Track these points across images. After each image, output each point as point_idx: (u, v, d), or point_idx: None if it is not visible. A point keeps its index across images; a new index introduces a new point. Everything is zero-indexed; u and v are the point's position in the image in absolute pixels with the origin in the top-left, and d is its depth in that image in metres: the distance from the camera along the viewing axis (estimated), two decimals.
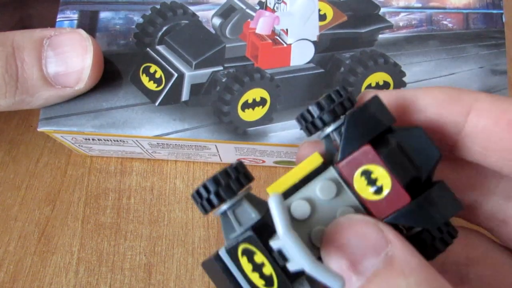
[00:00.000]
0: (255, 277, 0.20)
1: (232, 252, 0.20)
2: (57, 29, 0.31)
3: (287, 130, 0.32)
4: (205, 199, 0.21)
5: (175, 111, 0.32)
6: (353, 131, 0.21)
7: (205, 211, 0.21)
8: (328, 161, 0.22)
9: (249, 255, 0.20)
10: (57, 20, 0.34)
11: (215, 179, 0.20)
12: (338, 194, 0.21)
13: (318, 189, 0.21)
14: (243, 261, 0.20)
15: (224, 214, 0.21)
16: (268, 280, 0.20)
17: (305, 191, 0.22)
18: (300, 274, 0.20)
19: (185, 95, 0.32)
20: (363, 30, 0.34)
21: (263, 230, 0.20)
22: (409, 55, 0.34)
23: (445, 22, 0.35)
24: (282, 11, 0.34)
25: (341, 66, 0.33)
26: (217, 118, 0.32)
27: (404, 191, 0.20)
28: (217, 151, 0.34)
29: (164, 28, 0.34)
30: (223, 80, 0.32)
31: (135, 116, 0.32)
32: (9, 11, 0.37)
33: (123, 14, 0.34)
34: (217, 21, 0.34)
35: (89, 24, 0.34)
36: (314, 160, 0.22)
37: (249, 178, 0.21)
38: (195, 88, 0.32)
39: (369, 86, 0.33)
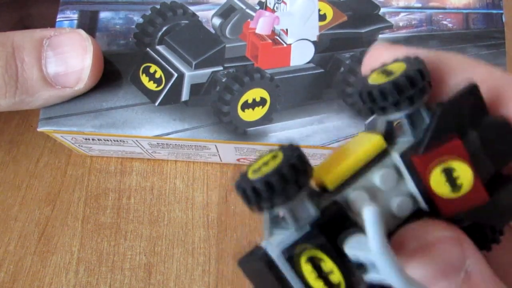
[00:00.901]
0: (318, 285, 0.17)
1: (292, 257, 0.17)
2: (57, 29, 0.31)
3: (287, 130, 0.32)
4: (265, 198, 0.17)
5: (175, 111, 0.32)
6: (442, 123, 0.18)
7: (254, 211, 0.18)
8: (388, 144, 0.19)
9: (315, 262, 0.17)
10: (57, 20, 0.34)
11: (281, 177, 0.16)
12: (396, 183, 0.19)
13: (379, 178, 0.19)
14: (306, 268, 0.17)
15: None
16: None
17: (364, 180, 0.19)
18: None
19: (185, 95, 0.32)
20: (363, 30, 0.34)
21: (326, 232, 0.17)
22: None
23: (445, 22, 0.35)
24: (282, 11, 0.34)
25: (341, 66, 0.33)
26: (217, 118, 0.32)
27: (485, 191, 0.18)
28: (217, 151, 0.34)
29: (164, 28, 0.34)
30: (223, 80, 0.32)
31: (135, 116, 0.32)
32: (9, 11, 0.37)
33: (123, 14, 0.34)
34: (217, 21, 0.34)
35: (89, 24, 0.34)
36: (377, 145, 0.19)
37: (311, 170, 0.18)
38: (195, 88, 0.32)
39: None
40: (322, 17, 0.34)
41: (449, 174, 0.18)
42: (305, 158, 0.17)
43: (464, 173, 0.18)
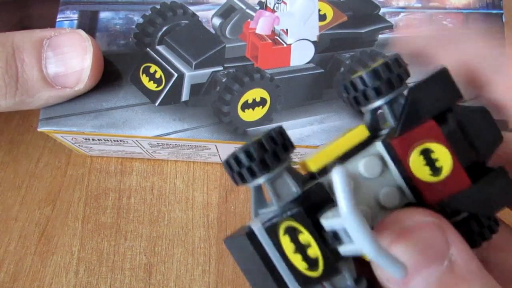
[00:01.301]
0: (296, 259, 0.18)
1: (271, 229, 0.18)
2: (57, 29, 0.31)
3: (287, 130, 0.32)
4: (245, 167, 0.18)
5: (175, 111, 0.32)
6: (415, 106, 0.19)
7: (241, 182, 0.19)
8: (372, 135, 0.20)
9: (293, 234, 0.18)
10: (57, 20, 0.34)
11: (260, 145, 0.18)
12: (381, 173, 0.19)
13: (362, 165, 0.19)
14: (284, 240, 0.18)
15: (258, 186, 0.19)
16: (312, 263, 0.18)
17: (347, 166, 0.19)
18: (346, 258, 0.18)
19: (185, 95, 0.32)
20: (363, 30, 0.34)
21: (306, 207, 0.18)
22: None
23: (445, 22, 0.35)
24: (282, 11, 0.34)
25: (341, 66, 0.33)
26: (217, 118, 0.32)
27: (465, 174, 0.18)
28: (217, 151, 0.34)
29: (164, 28, 0.34)
30: (223, 80, 0.32)
31: (135, 116, 0.32)
32: (9, 11, 0.37)
33: (123, 14, 0.34)
34: (217, 21, 0.34)
35: (89, 24, 0.34)
36: (360, 133, 0.20)
37: (292, 145, 0.19)
38: (195, 88, 0.32)
39: None
40: (322, 17, 0.34)
41: (427, 156, 0.19)
42: (285, 134, 0.19)
43: (442, 155, 0.18)
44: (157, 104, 0.32)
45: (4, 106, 0.30)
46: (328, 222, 0.17)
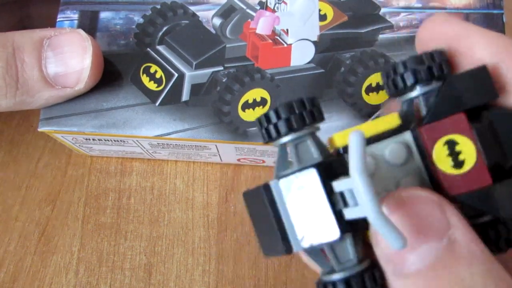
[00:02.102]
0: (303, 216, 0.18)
1: (285, 184, 0.19)
2: (57, 29, 0.31)
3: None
4: (272, 124, 0.19)
5: (176, 111, 0.32)
6: (448, 97, 0.19)
7: (267, 138, 0.20)
8: (404, 125, 0.20)
9: (304, 192, 0.18)
10: (58, 20, 0.34)
11: (289, 105, 0.19)
12: (406, 162, 0.19)
13: (388, 151, 0.19)
14: (295, 196, 0.18)
15: (283, 146, 0.20)
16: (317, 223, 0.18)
17: (373, 148, 0.19)
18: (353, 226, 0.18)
19: (185, 95, 0.32)
20: (363, 30, 0.34)
21: (324, 173, 0.18)
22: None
23: None
24: (283, 11, 0.34)
25: (342, 66, 0.33)
26: (217, 118, 0.32)
27: (487, 172, 0.18)
28: (217, 151, 0.34)
29: (165, 28, 0.34)
30: (224, 80, 0.32)
31: (135, 116, 0.32)
32: (9, 11, 0.37)
33: (123, 14, 0.34)
34: (217, 21, 0.34)
35: (89, 24, 0.34)
36: (392, 120, 0.20)
37: (322, 115, 0.20)
38: (196, 88, 0.32)
39: (369, 87, 0.33)
40: (322, 17, 0.34)
41: (451, 147, 0.18)
42: (316, 102, 0.20)
43: (467, 148, 0.18)
44: (157, 104, 0.32)
45: (5, 106, 0.30)
46: (339, 184, 0.17)
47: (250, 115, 0.32)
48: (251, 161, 0.37)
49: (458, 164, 0.18)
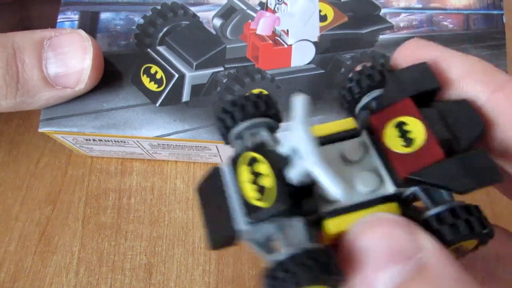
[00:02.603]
0: (249, 189, 0.18)
1: (234, 161, 0.19)
2: (57, 30, 0.31)
3: (287, 130, 0.32)
4: (228, 114, 0.20)
5: (176, 111, 0.32)
6: (393, 87, 0.20)
7: (221, 132, 0.20)
8: (360, 131, 0.21)
9: (252, 164, 0.18)
10: (58, 20, 0.34)
11: (246, 98, 0.20)
12: (362, 158, 0.20)
13: (344, 149, 0.20)
14: (243, 170, 0.18)
15: (239, 137, 0.20)
16: (263, 192, 0.18)
17: (328, 148, 0.20)
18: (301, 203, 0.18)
19: (185, 96, 0.32)
20: (363, 31, 0.34)
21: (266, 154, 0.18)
22: None
23: (445, 23, 0.35)
24: (283, 11, 0.34)
25: (342, 67, 0.33)
26: None
27: (438, 146, 0.18)
28: (218, 151, 0.34)
29: (165, 29, 0.34)
30: (224, 80, 0.32)
31: (135, 117, 0.32)
32: (9, 11, 0.37)
33: (123, 14, 0.34)
34: (217, 22, 0.34)
35: (90, 25, 0.34)
36: (347, 122, 0.21)
37: (274, 108, 0.21)
38: (196, 89, 0.32)
39: None
40: (322, 18, 0.34)
41: (401, 128, 0.19)
42: (271, 98, 0.21)
43: (416, 126, 0.19)
44: (157, 104, 0.32)
45: (5, 107, 0.30)
46: (283, 144, 0.18)
47: None
48: None
49: (409, 142, 0.19)
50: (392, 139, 0.19)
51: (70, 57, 0.30)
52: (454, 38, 0.34)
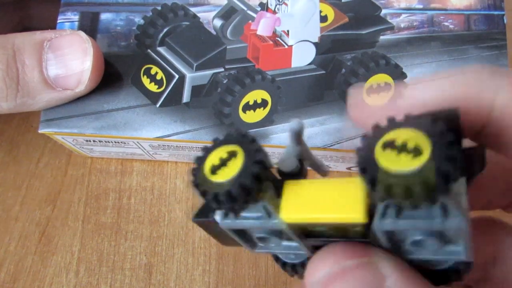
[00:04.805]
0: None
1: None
2: (57, 31, 0.30)
3: (287, 130, 0.32)
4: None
5: (176, 112, 0.32)
6: None
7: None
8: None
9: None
10: (58, 21, 0.33)
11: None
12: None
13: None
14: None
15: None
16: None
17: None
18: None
19: (186, 97, 0.32)
20: (364, 32, 0.34)
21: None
22: (411, 57, 0.34)
23: (446, 24, 0.35)
24: (283, 12, 0.34)
25: (342, 67, 0.33)
26: (218, 119, 0.32)
27: None
28: None
29: (165, 30, 0.33)
30: (224, 81, 0.32)
31: (136, 118, 0.32)
32: (9, 12, 0.36)
33: (124, 15, 0.34)
34: (218, 22, 0.34)
35: (90, 25, 0.33)
36: (353, 198, 0.16)
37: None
38: (196, 90, 0.32)
39: (370, 87, 0.33)
40: (323, 19, 0.34)
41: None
42: (266, 160, 0.17)
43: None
44: (158, 105, 0.32)
45: (6, 108, 0.30)
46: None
47: (251, 117, 0.32)
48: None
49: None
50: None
51: (71, 58, 0.30)
52: (455, 38, 0.34)
